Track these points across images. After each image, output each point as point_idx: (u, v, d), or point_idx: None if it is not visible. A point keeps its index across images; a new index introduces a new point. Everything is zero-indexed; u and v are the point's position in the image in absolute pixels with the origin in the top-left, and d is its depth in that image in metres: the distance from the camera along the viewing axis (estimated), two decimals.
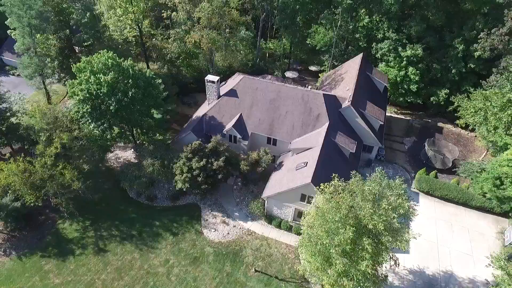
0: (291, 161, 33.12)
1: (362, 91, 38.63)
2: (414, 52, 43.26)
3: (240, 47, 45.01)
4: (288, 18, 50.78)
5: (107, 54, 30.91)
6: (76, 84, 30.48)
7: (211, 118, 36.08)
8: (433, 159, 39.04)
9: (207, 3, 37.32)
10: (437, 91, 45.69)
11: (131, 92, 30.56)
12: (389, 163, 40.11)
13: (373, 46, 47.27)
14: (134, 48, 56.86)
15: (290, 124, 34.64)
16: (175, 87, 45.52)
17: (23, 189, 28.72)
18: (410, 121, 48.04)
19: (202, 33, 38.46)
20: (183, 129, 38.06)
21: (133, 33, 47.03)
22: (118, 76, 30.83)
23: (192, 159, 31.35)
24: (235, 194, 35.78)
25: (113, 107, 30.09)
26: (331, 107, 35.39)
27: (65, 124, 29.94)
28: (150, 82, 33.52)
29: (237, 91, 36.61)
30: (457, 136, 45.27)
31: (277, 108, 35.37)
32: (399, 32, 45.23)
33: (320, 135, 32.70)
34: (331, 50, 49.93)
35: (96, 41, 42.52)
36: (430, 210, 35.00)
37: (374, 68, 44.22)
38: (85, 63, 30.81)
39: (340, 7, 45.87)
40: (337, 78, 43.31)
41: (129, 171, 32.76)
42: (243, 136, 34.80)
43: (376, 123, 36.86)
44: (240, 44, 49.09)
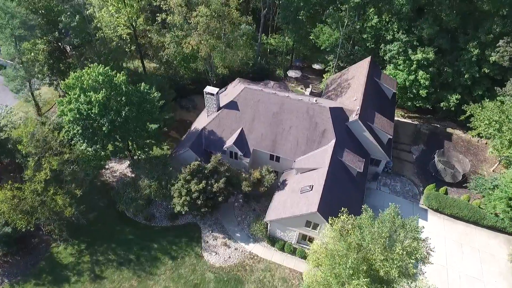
0: (295, 180, 31.47)
1: (370, 101, 36.50)
2: (425, 56, 40.76)
3: (240, 42, 42.20)
4: (291, 16, 47.78)
5: (98, 70, 28.58)
6: (65, 102, 28.33)
7: (210, 133, 34.12)
8: (442, 173, 37.39)
9: (204, 7, 34.49)
10: (447, 96, 43.50)
11: (125, 111, 28.45)
12: (396, 176, 38.47)
13: (381, 48, 44.66)
14: (129, 46, 54.14)
15: (294, 140, 32.74)
16: (172, 92, 43.18)
17: (13, 215, 27.17)
18: (417, 126, 46.07)
19: (200, 39, 35.82)
20: (182, 142, 36.15)
21: (127, 31, 44.24)
22: (110, 93, 28.65)
23: (191, 181, 29.67)
24: (236, 212, 34.33)
25: (106, 128, 28.09)
26: (338, 121, 33.39)
27: (54, 147, 27.99)
28: (145, 97, 31.34)
29: (238, 103, 34.46)
30: (467, 144, 43.44)
31: (280, 122, 33.36)
32: (410, 33, 42.54)
33: (326, 154, 30.88)
34: (337, 50, 47.26)
35: (87, 44, 39.86)
36: (439, 229, 33.67)
37: (382, 72, 41.82)
38: (75, 79, 28.54)
39: (347, 5, 42.93)
40: (343, 83, 41.01)
41: (125, 193, 31.12)
42: (245, 153, 32.97)
43: (384, 136, 34.95)
44: (240, 39, 46.36)
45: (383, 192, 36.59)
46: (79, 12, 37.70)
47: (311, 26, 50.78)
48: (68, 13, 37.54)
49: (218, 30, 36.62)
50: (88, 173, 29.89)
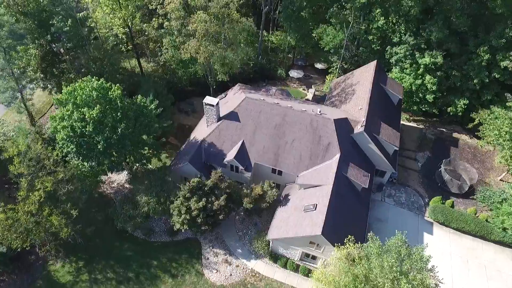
0: (298, 196, 30.49)
1: (375, 109, 35.18)
2: (434, 60, 39.15)
3: (240, 39, 40.14)
4: (294, 15, 45.81)
5: (92, 84, 27.16)
6: (57, 118, 27.04)
7: (210, 145, 32.94)
8: (449, 184, 36.41)
9: (203, 13, 32.71)
10: (455, 100, 42.06)
11: (121, 128, 27.21)
12: (401, 186, 37.48)
13: (387, 50, 42.92)
14: (125, 46, 52.35)
15: (298, 154, 31.59)
16: (170, 97, 41.75)
17: (7, 236, 26.31)
18: (423, 131, 44.81)
19: (199, 44, 34.13)
20: (180, 152, 34.94)
21: (123, 31, 42.42)
22: (105, 107, 27.33)
23: (191, 199, 28.71)
24: (237, 226, 33.52)
25: (101, 146, 26.91)
26: (342, 133, 32.16)
27: (48, 166, 26.86)
28: (141, 110, 30.03)
29: (239, 114, 33.16)
30: (474, 151, 42.30)
31: (283, 134, 32.13)
32: (417, 36, 40.78)
33: (331, 171, 29.79)
34: (341, 51, 45.52)
35: (80, 49, 38.19)
36: (444, 243, 32.92)
37: (388, 77, 40.28)
38: (67, 95, 27.18)
39: (353, 5, 41.02)
40: (347, 88, 39.55)
41: (123, 210, 30.17)
42: (246, 167, 31.87)
43: (390, 147, 33.79)
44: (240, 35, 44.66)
45: (387, 204, 35.70)
46: (71, 16, 35.91)
47: (314, 23, 48.90)
48: (60, 16, 35.75)
49: (218, 34, 34.94)
50: (84, 190, 28.87)
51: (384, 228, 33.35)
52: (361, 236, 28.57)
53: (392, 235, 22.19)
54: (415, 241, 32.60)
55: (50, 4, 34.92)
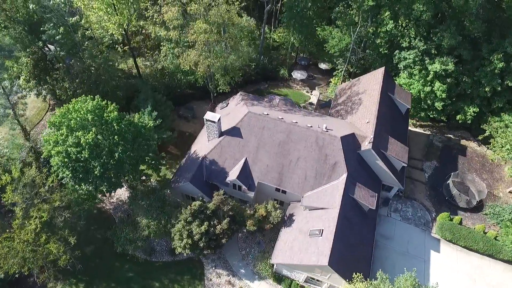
0: (303, 217, 29.56)
1: (383, 123, 33.83)
2: (444, 67, 37.43)
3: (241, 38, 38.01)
4: (297, 16, 43.62)
5: (87, 106, 25.67)
6: (51, 142, 25.69)
7: (211, 162, 31.73)
8: (457, 198, 35.46)
9: (203, 23, 30.77)
10: (464, 107, 40.61)
11: (118, 153, 25.92)
12: (408, 200, 36.53)
13: (396, 54, 41.04)
14: (121, 47, 50.33)
15: (302, 174, 30.45)
16: (169, 104, 40.24)
17: (4, 264, 25.51)
18: (430, 138, 43.49)
19: (199, 54, 32.37)
20: (181, 168, 33.66)
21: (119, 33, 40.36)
22: (101, 131, 25.95)
23: (192, 223, 27.80)
24: (240, 245, 32.76)
25: (98, 171, 25.70)
26: (349, 150, 30.94)
27: (43, 193, 25.73)
28: (140, 130, 28.64)
29: (241, 129, 31.79)
30: (482, 159, 41.15)
31: (287, 152, 30.89)
32: (428, 40, 38.88)
33: (337, 193, 28.73)
34: (346, 54, 43.63)
35: (73, 56, 36.33)
36: (451, 261, 32.28)
37: (396, 85, 38.63)
38: (61, 117, 25.72)
39: (360, 8, 38.90)
40: (353, 97, 38.02)
41: (122, 234, 29.25)
42: (249, 186, 30.79)
43: (398, 163, 32.64)
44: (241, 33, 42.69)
45: (393, 219, 34.85)
46: (63, 23, 33.91)
47: (319, 20, 46.73)
48: (52, 24, 33.77)
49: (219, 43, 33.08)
50: (82, 215, 27.88)
51: (390, 246, 32.68)
52: (367, 261, 27.88)
53: (398, 254, 21.23)
54: (422, 259, 32.00)
55: (40, 11, 32.86)
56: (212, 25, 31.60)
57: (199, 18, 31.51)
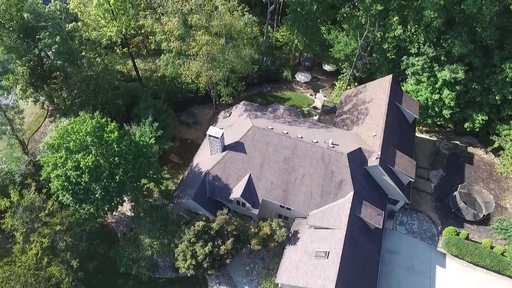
0: (308, 236, 29.08)
1: (391, 135, 33.02)
2: (454, 75, 36.25)
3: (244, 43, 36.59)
4: (302, 19, 42.07)
5: (86, 127, 24.76)
6: (50, 164, 24.94)
7: (215, 178, 31.04)
8: (464, 211, 34.92)
9: (205, 35, 29.48)
10: (472, 115, 39.57)
11: (119, 175, 25.21)
12: (413, 212, 36.02)
13: (403, 60, 39.71)
14: (120, 48, 48.91)
15: (308, 191, 29.80)
16: (171, 113, 39.30)
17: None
18: (436, 144, 42.69)
19: (200, 66, 31.23)
20: (183, 182, 32.96)
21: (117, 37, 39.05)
22: (101, 151, 25.17)
23: (196, 244, 27.34)
24: (244, 260, 32.44)
25: (99, 195, 25.06)
26: (356, 166, 30.21)
27: (43, 217, 25.15)
28: (141, 149, 27.83)
29: (245, 144, 30.97)
30: (489, 168, 40.43)
31: (292, 169, 30.16)
32: (437, 46, 37.54)
33: (343, 212, 28.14)
34: (352, 59, 42.30)
35: (70, 65, 35.16)
36: (457, 276, 32.00)
37: (404, 94, 37.53)
38: (59, 139, 24.88)
39: (367, 13, 37.41)
40: (360, 106, 37.04)
41: (126, 254, 28.83)
42: (253, 203, 30.20)
43: (405, 178, 31.96)
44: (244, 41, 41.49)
45: (399, 232, 34.42)
46: (59, 32, 32.61)
47: (322, 18, 45.14)
48: (47, 33, 32.47)
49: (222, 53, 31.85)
50: (83, 235, 27.40)
51: (395, 261, 32.38)
52: (373, 280, 27.58)
53: (404, 269, 20.73)
54: (427, 275, 31.73)
55: (35, 20, 31.53)
56: (215, 36, 30.31)
57: (201, 28, 30.18)
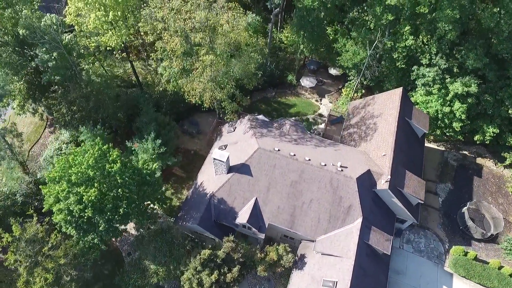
0: (316, 262, 28.69)
1: (400, 153, 32.25)
2: (467, 89, 35.01)
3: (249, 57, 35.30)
4: (309, 26, 40.34)
5: (87, 160, 23.88)
6: (52, 197, 24.24)
7: (220, 201, 30.40)
8: (472, 229, 34.45)
9: (209, 55, 28.10)
10: (483, 126, 38.52)
11: (123, 208, 24.56)
12: (420, 229, 35.59)
13: (414, 70, 38.29)
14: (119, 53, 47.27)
15: (315, 216, 29.22)
16: (174, 125, 38.33)
17: None
18: (444, 155, 41.87)
19: (204, 86, 30.06)
20: (188, 200, 32.39)
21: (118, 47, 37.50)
22: (103, 182, 24.44)
23: (202, 272, 27.02)
24: (250, 281, 32.25)
25: (103, 227, 24.50)
26: (365, 189, 29.52)
27: (46, 251, 24.65)
28: (144, 177, 27.04)
29: (251, 167, 30.16)
30: (498, 181, 39.77)
31: (299, 193, 29.47)
32: (450, 57, 36.10)
33: (352, 240, 27.64)
34: (361, 67, 40.84)
35: (69, 80, 33.88)
36: None
37: (413, 108, 36.38)
38: (60, 172, 24.05)
39: (377, 23, 35.81)
40: (368, 120, 36.03)
41: (131, 280, 28.53)
42: (259, 227, 29.69)
43: (414, 199, 31.33)
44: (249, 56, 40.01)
45: (406, 251, 34.11)
46: (57, 48, 31.19)
47: (329, 19, 43.40)
48: (44, 48, 31.06)
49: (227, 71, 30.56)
50: (87, 264, 27.03)
51: (402, 282, 32.21)
52: None
53: None
54: None
55: (31, 37, 30.07)
56: (219, 55, 28.97)
57: (205, 46, 28.77)
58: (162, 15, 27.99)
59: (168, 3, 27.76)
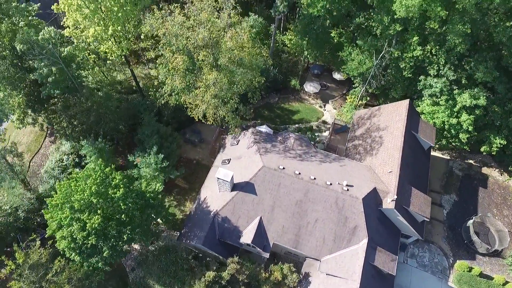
0: (320, 282, 28.59)
1: (407, 169, 31.81)
2: (476, 101, 34.30)
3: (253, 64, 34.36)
4: (313, 34, 39.30)
5: (90, 186, 23.46)
6: (55, 222, 23.95)
7: (224, 220, 30.13)
8: (477, 244, 34.30)
9: (213, 72, 27.29)
10: (490, 137, 37.93)
11: (127, 234, 24.30)
12: (424, 243, 35.42)
13: (421, 80, 37.44)
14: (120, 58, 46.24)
15: (321, 236, 28.99)
16: (176, 137, 37.80)
17: None
18: (449, 164, 41.41)
19: (207, 105, 29.41)
20: (191, 216, 32.09)
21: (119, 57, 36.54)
22: (106, 207, 24.11)
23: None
24: None
25: (107, 253, 24.30)
26: (371, 209, 29.23)
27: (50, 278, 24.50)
28: (148, 200, 26.67)
29: (255, 185, 29.77)
30: (504, 192, 39.43)
31: (304, 213, 29.17)
32: (459, 68, 35.23)
33: (357, 262, 27.48)
34: (366, 75, 39.95)
35: (69, 93, 33.20)
36: None
37: (420, 121, 35.73)
38: (62, 199, 23.68)
39: (384, 32, 34.82)
40: (373, 132, 35.46)
41: None
42: (264, 247, 29.50)
43: (420, 217, 31.08)
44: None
45: (410, 266, 34.05)
46: (56, 63, 30.39)
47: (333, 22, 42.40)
48: (43, 63, 30.24)
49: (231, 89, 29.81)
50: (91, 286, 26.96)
51: None
52: None
53: None
54: None
55: (29, 52, 29.23)
56: (223, 72, 28.19)
57: (208, 64, 27.95)
58: (164, 32, 27.07)
59: (168, 21, 26.78)
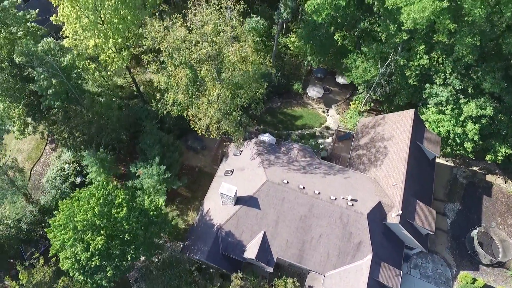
0: None
1: (412, 182, 31.53)
2: (482, 112, 33.82)
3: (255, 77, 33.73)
4: (317, 40, 38.57)
5: (93, 207, 23.20)
6: (58, 243, 23.77)
7: (228, 234, 29.97)
8: (481, 256, 34.21)
9: (217, 87, 26.78)
10: (495, 145, 37.54)
11: (131, 254, 24.15)
12: (428, 253, 35.33)
13: (426, 88, 36.86)
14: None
15: (325, 252, 28.86)
16: (178, 146, 37.42)
17: None
18: (453, 171, 41.11)
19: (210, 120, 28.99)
20: (193, 228, 31.95)
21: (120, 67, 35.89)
22: (109, 227, 23.93)
23: None
24: None
25: (111, 273, 24.18)
26: (375, 224, 29.04)
27: None
28: (151, 218, 26.44)
29: (259, 200, 29.54)
30: (508, 200, 39.22)
31: (309, 228, 28.99)
32: (465, 77, 34.63)
33: (362, 277, 27.41)
34: (371, 82, 39.33)
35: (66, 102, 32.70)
36: None
37: (425, 131, 35.30)
38: (65, 219, 23.46)
39: (390, 40, 34.14)
40: (377, 142, 35.10)
41: None
42: (267, 262, 29.40)
43: (424, 230, 30.93)
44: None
45: (413, 277, 34.06)
46: (56, 75, 29.84)
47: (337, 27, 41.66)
48: (42, 75, 29.70)
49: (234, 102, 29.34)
50: None
51: None
52: None
53: None
54: None
55: (28, 65, 28.68)
56: (226, 84, 27.68)
57: (211, 79, 27.43)
58: (166, 46, 26.47)
59: (170, 33, 26.15)
